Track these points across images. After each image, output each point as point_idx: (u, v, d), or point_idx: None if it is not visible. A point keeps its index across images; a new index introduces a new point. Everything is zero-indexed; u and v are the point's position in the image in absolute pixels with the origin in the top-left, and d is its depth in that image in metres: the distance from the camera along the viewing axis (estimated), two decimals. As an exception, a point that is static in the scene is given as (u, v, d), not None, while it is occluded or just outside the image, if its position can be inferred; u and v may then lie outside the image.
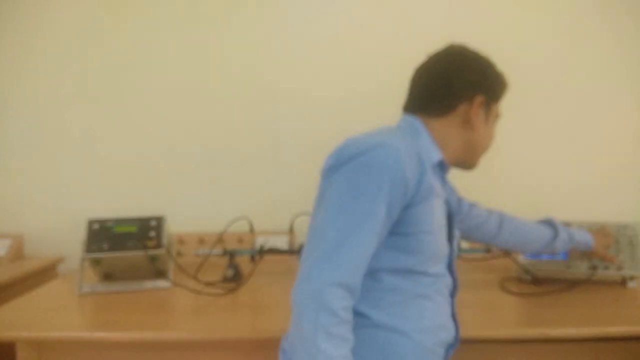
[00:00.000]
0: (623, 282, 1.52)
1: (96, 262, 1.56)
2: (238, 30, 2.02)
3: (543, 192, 2.00)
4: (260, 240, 1.84)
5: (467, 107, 1.04)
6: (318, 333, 0.81)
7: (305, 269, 0.86)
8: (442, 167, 1.07)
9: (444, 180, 1.09)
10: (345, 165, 0.91)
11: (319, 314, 0.81)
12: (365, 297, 0.94)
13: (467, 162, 1.12)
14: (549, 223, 1.47)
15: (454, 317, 1.07)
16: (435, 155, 1.02)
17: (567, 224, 1.56)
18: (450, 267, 1.07)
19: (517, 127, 1.97)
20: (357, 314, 0.93)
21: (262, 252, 1.66)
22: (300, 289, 0.85)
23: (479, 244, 1.51)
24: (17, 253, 1.98)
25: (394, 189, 0.88)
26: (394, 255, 0.95)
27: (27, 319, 1.30)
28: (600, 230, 1.54)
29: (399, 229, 0.93)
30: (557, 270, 1.55)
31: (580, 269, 1.53)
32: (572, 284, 1.47)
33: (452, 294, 1.08)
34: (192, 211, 2.02)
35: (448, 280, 1.06)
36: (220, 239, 1.73)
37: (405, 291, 0.96)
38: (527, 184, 2.01)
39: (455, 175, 1.22)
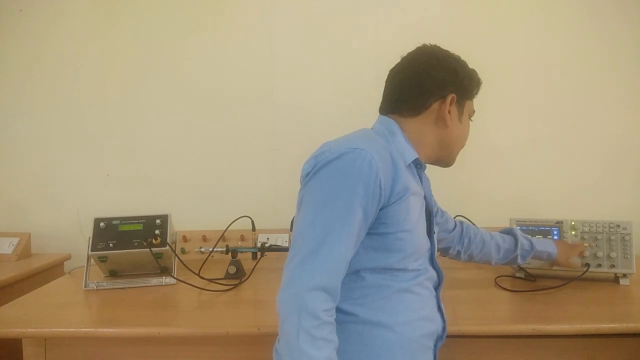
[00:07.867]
0: (616, 280, 1.54)
1: (102, 260, 1.59)
2: (238, 40, 2.06)
3: (536, 193, 2.01)
4: (261, 238, 1.86)
5: (439, 105, 1.06)
6: (300, 336, 0.83)
7: (287, 275, 0.88)
8: (417, 166, 1.07)
9: (421, 178, 1.10)
10: (320, 171, 0.92)
11: (301, 317, 0.83)
12: (350, 296, 0.96)
13: (444, 159, 1.13)
14: (509, 233, 1.47)
15: (440, 309, 1.09)
16: (410, 154, 1.03)
17: (559, 222, 1.59)
18: (432, 261, 1.09)
19: (509, 129, 2.00)
20: (343, 312, 0.95)
21: (264, 249, 1.68)
22: (283, 295, 0.87)
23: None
24: (25, 251, 2.01)
25: (369, 192, 0.90)
26: (374, 254, 0.96)
27: (33, 316, 1.32)
28: (564, 241, 1.54)
29: (377, 229, 0.95)
30: (550, 268, 1.56)
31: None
32: (566, 281, 1.49)
33: (437, 287, 1.10)
34: (195, 210, 2.05)
35: (431, 273, 1.07)
36: (223, 237, 1.76)
37: (388, 287, 0.98)
38: (519, 185, 2.02)
39: (446, 175, 1.23)
